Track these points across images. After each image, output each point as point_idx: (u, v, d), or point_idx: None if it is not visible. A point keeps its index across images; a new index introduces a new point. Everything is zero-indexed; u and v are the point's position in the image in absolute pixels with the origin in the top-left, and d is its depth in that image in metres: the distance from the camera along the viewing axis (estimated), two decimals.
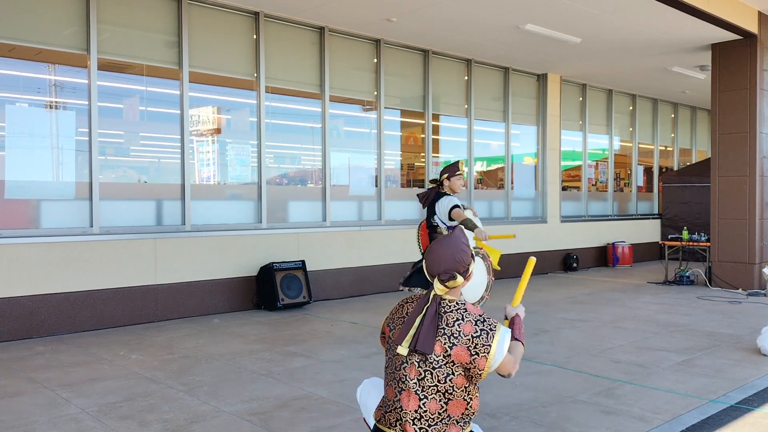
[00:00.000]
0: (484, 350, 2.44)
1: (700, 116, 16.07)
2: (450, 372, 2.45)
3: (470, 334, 2.44)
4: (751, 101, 9.42)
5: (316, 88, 8.66)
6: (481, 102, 10.79)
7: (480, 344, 2.44)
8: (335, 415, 3.97)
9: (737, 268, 9.50)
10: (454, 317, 2.48)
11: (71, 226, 6.61)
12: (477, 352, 2.43)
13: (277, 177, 8.76)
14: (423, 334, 2.45)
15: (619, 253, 12.89)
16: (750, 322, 6.87)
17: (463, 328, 2.46)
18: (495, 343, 2.46)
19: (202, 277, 7.43)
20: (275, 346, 5.86)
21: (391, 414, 2.53)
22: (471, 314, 2.51)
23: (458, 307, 2.53)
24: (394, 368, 2.56)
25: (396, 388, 2.52)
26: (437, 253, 2.60)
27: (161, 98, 7.60)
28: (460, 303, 2.56)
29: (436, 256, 2.60)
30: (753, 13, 9.19)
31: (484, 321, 2.49)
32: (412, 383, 2.47)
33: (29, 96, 6.65)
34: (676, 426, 3.76)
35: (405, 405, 2.48)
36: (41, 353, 5.65)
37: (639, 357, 5.41)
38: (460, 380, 2.47)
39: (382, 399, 2.67)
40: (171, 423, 3.84)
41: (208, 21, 7.62)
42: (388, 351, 2.65)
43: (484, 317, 2.52)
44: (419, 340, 2.45)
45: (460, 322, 2.47)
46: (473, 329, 2.45)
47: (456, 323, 2.47)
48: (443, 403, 2.47)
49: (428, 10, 8.00)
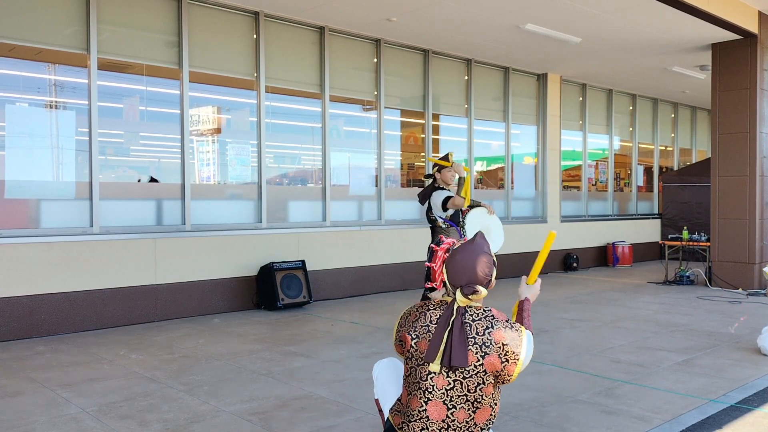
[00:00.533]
0: (514, 357, 2.43)
1: (700, 116, 16.07)
2: (481, 381, 2.43)
3: (501, 342, 2.43)
4: (752, 101, 9.42)
5: (316, 88, 8.66)
6: (481, 102, 10.79)
7: (510, 351, 2.43)
8: (335, 415, 3.97)
9: (737, 268, 9.50)
10: (484, 326, 2.45)
11: (71, 225, 6.61)
12: (507, 359, 2.42)
13: (277, 177, 8.76)
14: (455, 349, 2.41)
15: (619, 253, 12.89)
16: (750, 322, 6.87)
17: (493, 336, 2.44)
18: (523, 349, 2.45)
19: (202, 277, 7.43)
20: (275, 346, 5.86)
21: (416, 423, 2.49)
22: (499, 321, 2.49)
23: (486, 314, 2.50)
24: (419, 378, 2.50)
25: (422, 398, 2.48)
26: (461, 264, 2.51)
27: (161, 98, 7.60)
28: (486, 310, 2.53)
29: (459, 266, 2.51)
30: (753, 13, 9.19)
31: (511, 327, 2.48)
32: (439, 393, 2.44)
33: (29, 96, 6.65)
34: (676, 426, 3.76)
35: (432, 416, 2.45)
36: (41, 353, 5.65)
37: (639, 357, 5.41)
38: (490, 388, 2.46)
39: (402, 404, 2.62)
40: (171, 423, 3.84)
41: (208, 21, 7.62)
42: (411, 361, 2.57)
43: (510, 323, 2.51)
44: (453, 356, 2.41)
45: (491, 330, 2.45)
46: (503, 336, 2.44)
47: (486, 332, 2.44)
48: (471, 412, 2.45)
49: (428, 10, 8.00)
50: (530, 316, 2.69)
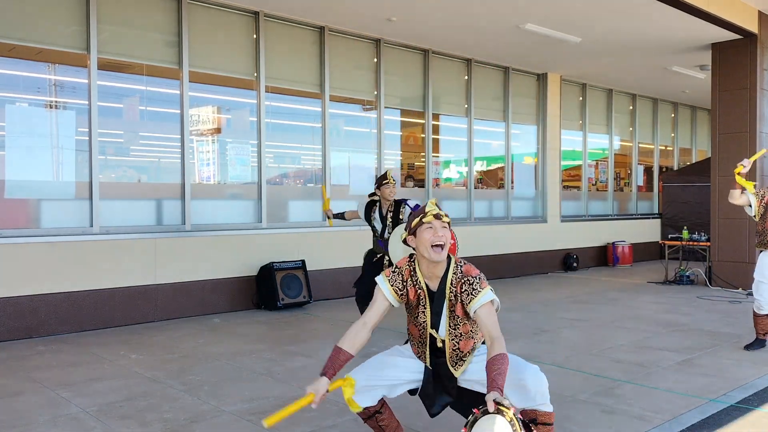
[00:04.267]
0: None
1: (700, 116, 16.07)
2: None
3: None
4: (751, 101, 9.41)
5: (316, 88, 8.66)
6: (481, 101, 10.79)
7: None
8: (335, 415, 3.97)
9: (737, 267, 9.49)
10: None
11: (71, 225, 6.61)
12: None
13: (277, 176, 8.76)
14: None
15: (619, 253, 12.89)
16: (750, 322, 6.86)
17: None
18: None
19: (202, 277, 7.43)
20: (275, 346, 5.86)
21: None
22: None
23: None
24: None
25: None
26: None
27: (161, 98, 7.60)
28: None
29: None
30: (753, 13, 9.19)
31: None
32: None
33: (29, 96, 6.65)
34: (676, 425, 3.76)
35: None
36: (41, 353, 5.65)
37: (639, 356, 5.41)
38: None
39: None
40: (171, 423, 3.84)
41: (208, 21, 7.62)
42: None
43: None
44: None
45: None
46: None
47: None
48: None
49: (428, 10, 7.99)
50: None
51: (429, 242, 2.81)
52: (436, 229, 2.81)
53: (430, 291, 2.93)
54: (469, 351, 2.99)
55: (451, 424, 3.84)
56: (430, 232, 2.81)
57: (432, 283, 2.93)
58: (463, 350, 2.97)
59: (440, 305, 2.92)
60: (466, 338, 2.94)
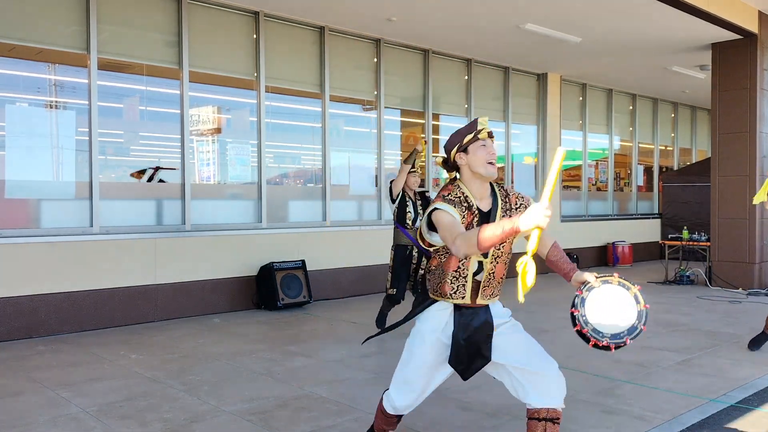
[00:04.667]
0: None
1: (700, 116, 16.07)
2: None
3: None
4: (751, 101, 9.41)
5: (316, 88, 8.66)
6: (481, 101, 10.79)
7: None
8: (335, 415, 3.97)
9: (737, 267, 9.50)
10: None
11: (71, 225, 6.61)
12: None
13: (277, 177, 8.76)
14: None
15: (619, 253, 12.89)
16: (750, 322, 6.87)
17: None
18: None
19: (202, 277, 7.43)
20: (275, 346, 5.86)
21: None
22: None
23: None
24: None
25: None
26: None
27: (161, 98, 7.60)
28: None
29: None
30: (753, 13, 9.18)
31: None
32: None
33: (29, 96, 6.65)
34: (676, 425, 3.76)
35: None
36: (42, 353, 5.65)
37: (639, 356, 5.41)
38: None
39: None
40: (171, 423, 3.84)
41: (208, 21, 7.62)
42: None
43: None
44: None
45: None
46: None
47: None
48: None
49: (428, 10, 7.99)
50: (495, 237, 2.38)
51: (485, 159, 2.73)
52: (489, 146, 2.76)
53: (482, 212, 2.78)
54: (500, 280, 2.83)
55: (451, 424, 3.84)
56: (484, 150, 2.74)
57: (483, 203, 2.81)
58: (497, 276, 2.80)
59: (495, 219, 2.78)
60: (503, 262, 2.80)
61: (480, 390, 4.39)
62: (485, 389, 4.36)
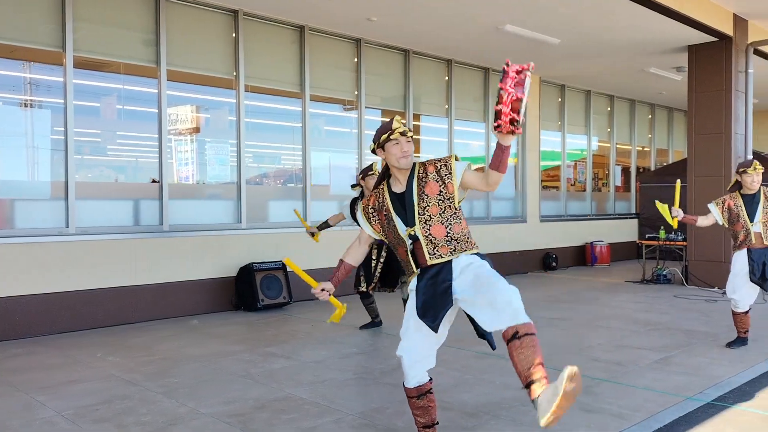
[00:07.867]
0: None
1: (676, 117, 16.28)
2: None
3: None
4: (727, 102, 9.55)
5: (296, 87, 8.62)
6: (461, 102, 10.82)
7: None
8: (315, 417, 3.95)
9: (713, 267, 9.62)
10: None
11: (47, 226, 6.51)
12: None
13: (257, 176, 8.71)
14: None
15: (597, 253, 13.01)
16: (726, 320, 6.96)
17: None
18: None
19: (180, 278, 7.36)
20: (255, 347, 5.82)
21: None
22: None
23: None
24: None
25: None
26: None
27: (139, 97, 7.51)
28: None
29: None
30: (728, 15, 9.32)
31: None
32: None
33: (3, 94, 6.53)
34: (654, 423, 3.80)
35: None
36: (17, 355, 5.55)
37: (617, 355, 5.46)
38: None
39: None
40: (149, 426, 3.79)
41: (187, 19, 7.55)
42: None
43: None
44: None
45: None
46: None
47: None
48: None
49: (408, 11, 8.00)
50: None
51: (397, 156, 3.11)
52: (402, 144, 3.10)
53: (396, 194, 3.16)
54: (443, 238, 3.08)
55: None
56: (398, 147, 3.10)
57: (398, 187, 3.18)
58: (437, 236, 3.07)
59: (410, 195, 3.11)
60: (436, 222, 3.07)
61: (459, 389, 4.39)
62: (465, 388, 4.37)
